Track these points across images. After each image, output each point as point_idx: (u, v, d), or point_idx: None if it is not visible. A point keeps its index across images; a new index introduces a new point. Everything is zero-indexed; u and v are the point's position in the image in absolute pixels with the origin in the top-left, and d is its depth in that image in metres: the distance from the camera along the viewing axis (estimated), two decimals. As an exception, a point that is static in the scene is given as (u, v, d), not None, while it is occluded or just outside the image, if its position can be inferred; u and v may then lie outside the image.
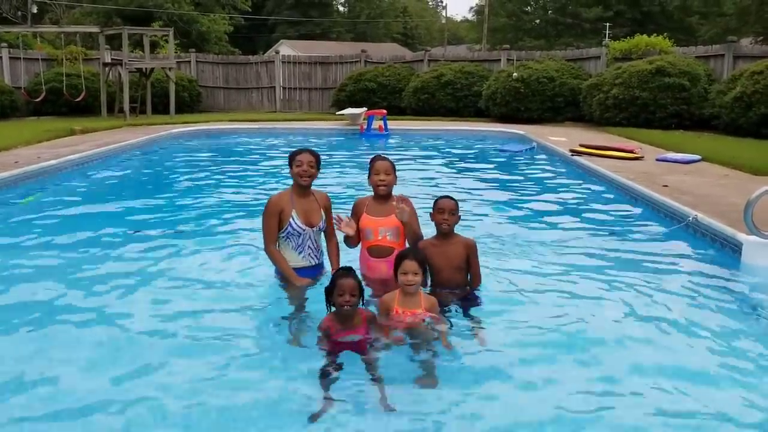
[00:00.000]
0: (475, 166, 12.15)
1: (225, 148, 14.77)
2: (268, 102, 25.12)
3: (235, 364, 3.77)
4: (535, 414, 3.29)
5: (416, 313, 4.02)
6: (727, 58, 17.56)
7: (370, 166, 4.80)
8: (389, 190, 4.76)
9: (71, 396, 3.41)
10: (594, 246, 6.36)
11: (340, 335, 3.85)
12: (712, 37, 34.39)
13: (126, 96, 19.82)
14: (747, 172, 9.88)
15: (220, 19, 43.40)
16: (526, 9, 57.34)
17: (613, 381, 3.61)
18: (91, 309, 4.60)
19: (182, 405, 3.34)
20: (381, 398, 3.36)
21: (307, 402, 3.35)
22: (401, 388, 3.48)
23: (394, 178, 4.78)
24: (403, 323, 4.00)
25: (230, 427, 3.20)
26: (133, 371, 3.66)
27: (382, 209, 4.74)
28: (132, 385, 3.52)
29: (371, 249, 4.76)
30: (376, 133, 16.90)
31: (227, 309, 4.60)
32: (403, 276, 4.03)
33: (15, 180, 9.31)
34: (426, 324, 4.01)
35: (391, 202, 4.71)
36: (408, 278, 4.01)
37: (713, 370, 3.74)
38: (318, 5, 62.11)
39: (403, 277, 4.03)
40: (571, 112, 19.27)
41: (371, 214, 4.76)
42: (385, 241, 4.70)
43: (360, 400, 3.38)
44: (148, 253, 6.04)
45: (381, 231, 4.72)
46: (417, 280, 4.03)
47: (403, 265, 4.03)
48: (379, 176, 4.71)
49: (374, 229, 4.73)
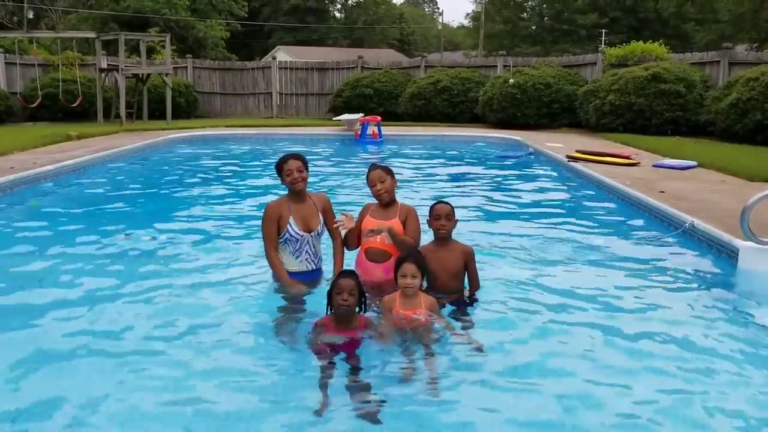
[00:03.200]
0: (470, 172, 12.15)
1: (221, 154, 14.74)
2: (265, 108, 25.13)
3: (233, 368, 3.76)
4: (531, 418, 3.28)
5: (417, 313, 4.06)
6: (723, 65, 17.63)
7: (366, 179, 4.82)
8: (390, 195, 4.76)
9: (70, 399, 3.40)
10: (590, 252, 6.36)
11: (334, 333, 3.87)
12: (707, 44, 34.60)
13: (122, 102, 19.82)
14: (743, 178, 9.90)
15: (216, 25, 43.40)
16: (522, 15, 57.56)
17: (611, 384, 3.60)
18: (87, 314, 4.58)
19: (180, 407, 3.35)
20: (357, 402, 3.38)
21: (305, 403, 3.35)
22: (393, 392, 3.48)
23: (391, 182, 4.76)
24: (406, 321, 4.04)
25: (229, 428, 3.20)
26: (132, 376, 3.65)
27: (385, 213, 4.75)
28: (129, 390, 3.50)
29: (368, 251, 4.77)
30: (370, 139, 16.94)
31: (224, 313, 4.59)
32: (402, 279, 4.09)
33: (11, 185, 9.28)
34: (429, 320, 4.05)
35: (396, 207, 4.73)
36: (407, 281, 4.07)
37: (711, 376, 3.73)
38: (315, 11, 62.22)
39: (402, 280, 4.09)
40: (568, 118, 19.32)
41: (374, 216, 4.78)
42: (383, 244, 4.69)
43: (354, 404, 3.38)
44: (143, 257, 6.04)
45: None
46: (416, 283, 4.09)
47: (402, 268, 4.09)
48: (375, 187, 4.73)
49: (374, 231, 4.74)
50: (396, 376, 3.64)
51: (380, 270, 4.62)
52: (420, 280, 4.12)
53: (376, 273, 4.66)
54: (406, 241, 4.59)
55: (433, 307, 4.15)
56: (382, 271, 4.60)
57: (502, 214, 8.23)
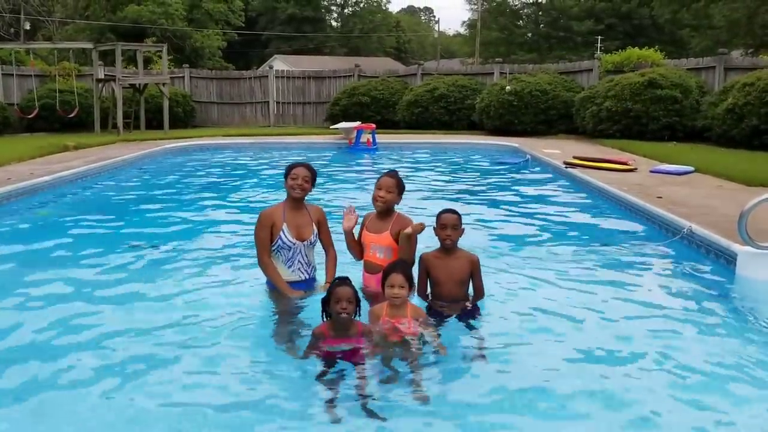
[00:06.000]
0: (467, 179, 12.16)
1: (218, 163, 14.75)
2: (262, 117, 25.14)
3: (230, 375, 3.75)
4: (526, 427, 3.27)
5: (402, 321, 4.06)
6: (719, 70, 17.68)
7: (377, 181, 4.79)
8: (386, 207, 4.73)
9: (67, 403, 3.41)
10: (588, 258, 6.35)
11: (333, 342, 3.85)
12: (703, 50, 34.68)
13: (119, 112, 19.82)
14: (740, 183, 9.91)
15: (213, 35, 43.51)
16: (519, 23, 57.82)
17: (609, 385, 3.59)
18: (84, 321, 4.56)
19: (177, 409, 3.36)
20: (366, 408, 3.36)
21: (306, 412, 3.35)
22: (394, 402, 3.46)
23: (395, 197, 4.73)
24: (392, 330, 4.03)
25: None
26: (130, 385, 3.63)
27: (379, 226, 4.74)
28: (130, 399, 3.49)
29: (365, 263, 4.83)
30: (364, 147, 16.96)
31: (221, 322, 4.56)
32: (389, 289, 4.09)
33: (8, 196, 9.26)
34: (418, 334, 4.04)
35: (390, 219, 4.69)
36: (394, 291, 4.07)
37: (708, 381, 3.72)
38: (311, 20, 62.43)
39: (389, 290, 4.09)
40: (565, 125, 19.35)
41: (369, 230, 4.78)
42: (375, 258, 4.69)
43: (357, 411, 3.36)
44: (140, 266, 6.03)
45: (372, 247, 4.74)
46: (402, 293, 4.08)
47: (389, 278, 4.10)
48: (380, 191, 4.69)
49: (367, 245, 4.76)
50: (384, 384, 3.62)
51: (374, 280, 4.63)
52: (407, 290, 4.11)
53: (372, 283, 4.70)
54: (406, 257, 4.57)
55: (420, 317, 4.16)
56: (375, 282, 4.60)
57: (500, 221, 8.22)
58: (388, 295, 4.10)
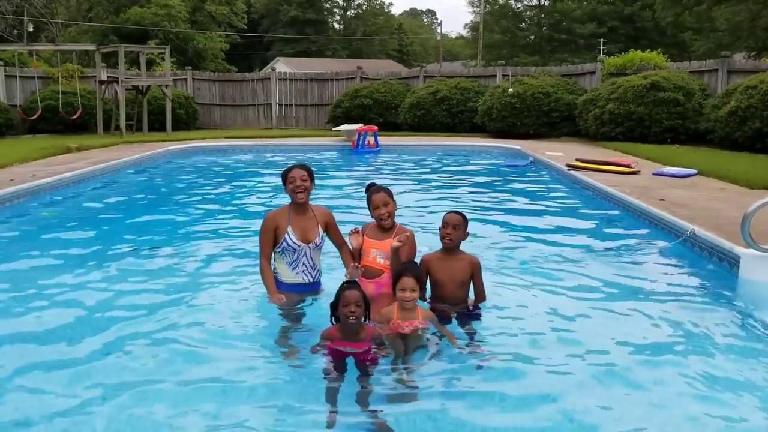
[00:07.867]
0: (469, 181, 12.15)
1: (221, 165, 14.76)
2: (265, 119, 25.17)
3: (235, 379, 3.74)
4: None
5: (414, 324, 4.09)
6: (721, 73, 17.67)
7: (368, 200, 4.74)
8: (392, 221, 4.70)
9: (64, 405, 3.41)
10: (590, 260, 6.34)
11: (341, 345, 3.84)
12: (705, 53, 34.70)
13: (122, 114, 19.85)
14: (743, 186, 9.89)
15: (216, 37, 43.63)
16: (521, 25, 57.86)
17: (608, 389, 3.59)
18: (84, 321, 4.57)
19: (178, 409, 3.36)
20: (368, 412, 3.35)
21: (311, 417, 3.34)
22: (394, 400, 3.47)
23: (394, 206, 4.71)
24: (403, 328, 4.07)
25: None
26: (130, 385, 3.62)
27: (380, 234, 4.72)
28: (130, 400, 3.49)
29: (363, 269, 4.77)
30: (367, 149, 16.97)
31: (222, 322, 4.57)
32: (401, 292, 4.10)
33: (10, 198, 9.27)
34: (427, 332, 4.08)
35: (392, 233, 4.64)
36: (406, 294, 4.08)
37: (712, 385, 3.71)
38: (314, 23, 62.57)
39: (401, 294, 4.10)
40: (567, 127, 19.35)
41: (369, 237, 4.76)
42: (374, 263, 4.68)
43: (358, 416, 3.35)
44: (141, 267, 6.03)
45: (372, 252, 4.71)
46: (414, 296, 4.11)
47: (401, 281, 4.11)
48: (379, 210, 4.63)
49: (367, 250, 4.73)
50: (396, 386, 3.62)
51: (372, 285, 4.61)
52: (418, 293, 4.14)
53: (369, 288, 4.63)
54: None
55: (431, 320, 4.19)
56: (374, 286, 4.59)
57: (502, 223, 8.20)
58: (399, 298, 4.11)
